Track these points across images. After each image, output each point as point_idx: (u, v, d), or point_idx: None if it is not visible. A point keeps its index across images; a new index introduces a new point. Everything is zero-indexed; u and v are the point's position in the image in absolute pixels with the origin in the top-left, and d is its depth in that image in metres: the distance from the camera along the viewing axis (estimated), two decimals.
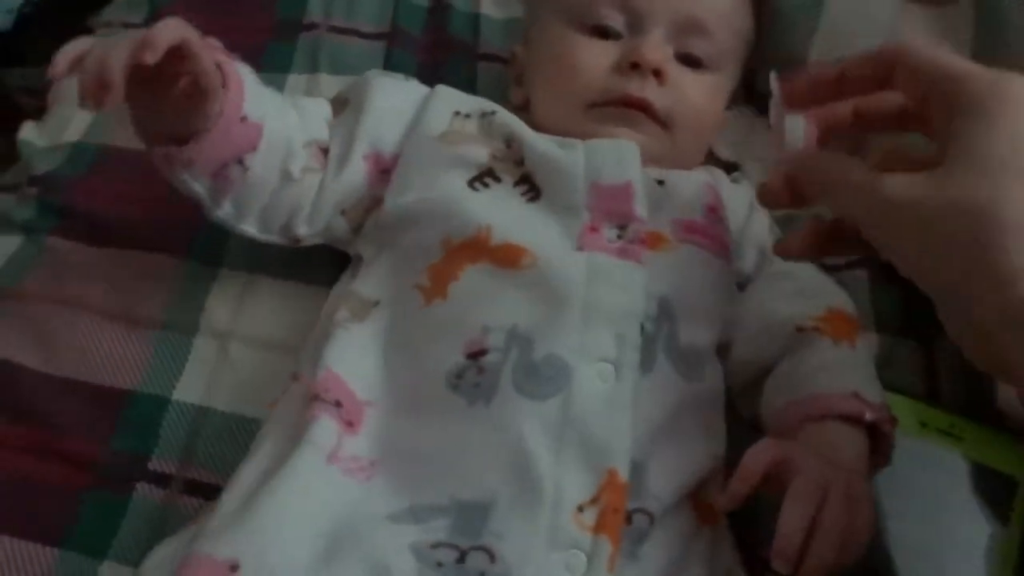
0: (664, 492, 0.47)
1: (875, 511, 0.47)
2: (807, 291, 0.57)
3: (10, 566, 0.52)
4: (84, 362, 0.61)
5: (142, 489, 0.55)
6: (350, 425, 0.47)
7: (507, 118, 0.58)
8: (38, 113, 0.84)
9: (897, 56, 0.44)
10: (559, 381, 0.46)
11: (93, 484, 0.56)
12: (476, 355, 0.47)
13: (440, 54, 0.80)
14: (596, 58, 0.58)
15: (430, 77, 0.78)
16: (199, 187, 0.54)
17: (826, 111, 0.48)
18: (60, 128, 0.76)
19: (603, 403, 0.46)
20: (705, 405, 0.51)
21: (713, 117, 0.63)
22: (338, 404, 0.47)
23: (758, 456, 0.44)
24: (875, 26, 0.68)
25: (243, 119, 0.52)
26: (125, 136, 0.73)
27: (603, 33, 0.60)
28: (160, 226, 0.68)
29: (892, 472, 0.52)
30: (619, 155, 0.55)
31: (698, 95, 0.60)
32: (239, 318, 0.63)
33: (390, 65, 0.79)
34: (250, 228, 0.58)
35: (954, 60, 0.43)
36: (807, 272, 0.59)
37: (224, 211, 0.56)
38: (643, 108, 0.58)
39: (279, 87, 0.77)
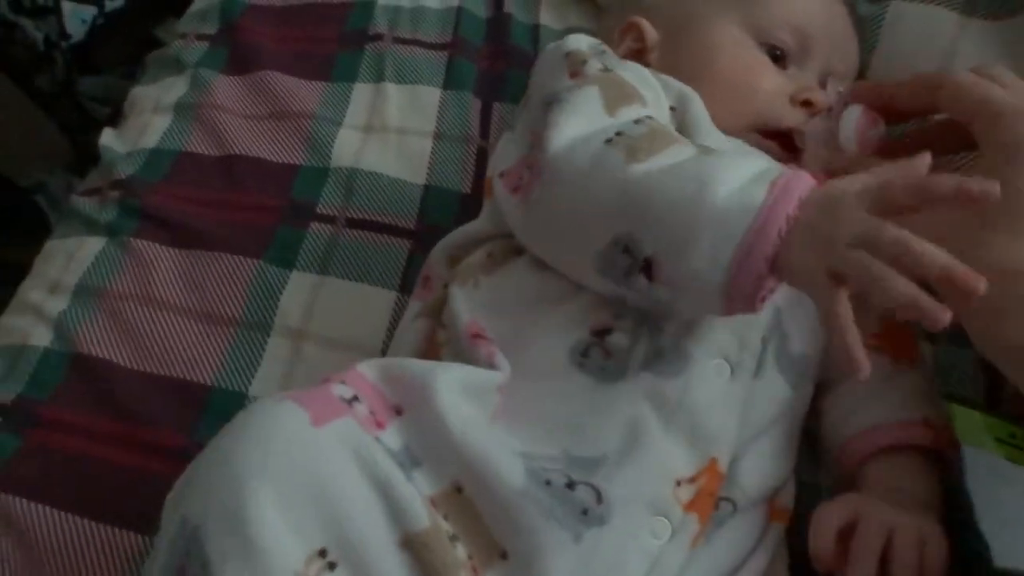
0: (751, 488, 0.49)
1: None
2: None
3: (106, 553, 0.55)
4: (167, 358, 0.64)
5: None
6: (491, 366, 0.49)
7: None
8: (109, 120, 0.89)
9: (941, 83, 0.47)
10: (679, 364, 0.47)
11: (178, 474, 0.58)
12: (601, 333, 0.48)
13: (500, 63, 0.83)
14: (776, 86, 0.58)
15: (491, 85, 0.81)
16: None
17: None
18: (138, 134, 0.80)
19: (717, 397, 0.47)
20: (798, 414, 0.53)
21: None
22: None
23: (830, 521, 0.46)
24: (936, 42, 0.69)
25: None
26: (200, 142, 0.77)
27: (776, 56, 0.60)
28: (235, 229, 0.71)
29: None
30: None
31: None
32: (311, 318, 0.66)
33: (452, 74, 0.81)
34: None
35: (989, 96, 0.45)
36: None
37: None
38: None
39: (346, 96, 0.81)
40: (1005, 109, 0.45)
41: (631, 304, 0.48)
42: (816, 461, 0.58)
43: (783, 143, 0.58)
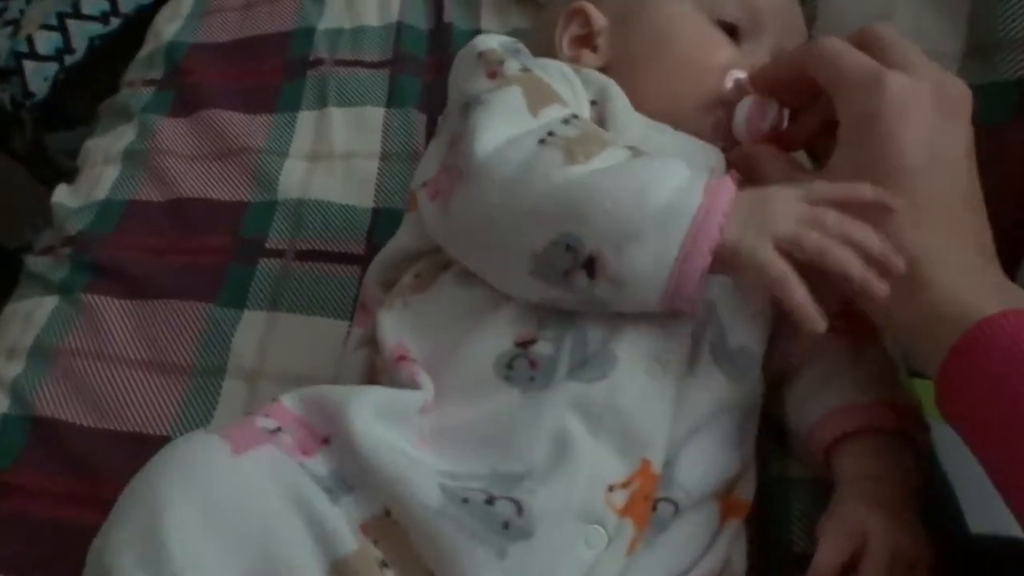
0: (693, 487, 0.47)
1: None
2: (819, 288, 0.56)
3: None
4: (124, 413, 0.63)
5: None
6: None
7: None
8: (78, 173, 0.88)
9: (807, 53, 0.48)
10: (605, 368, 0.46)
11: None
12: (525, 344, 0.47)
13: (445, 74, 0.80)
14: (732, 59, 0.57)
15: (436, 98, 0.79)
16: None
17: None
18: (91, 187, 0.80)
19: (645, 397, 0.46)
20: (744, 407, 0.51)
21: None
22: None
23: (830, 558, 0.45)
24: (871, 4, 0.66)
25: None
26: (148, 189, 0.77)
27: (730, 31, 0.58)
28: (185, 274, 0.70)
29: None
30: (707, 158, 0.53)
31: None
32: (265, 356, 0.65)
33: (396, 91, 0.80)
34: None
35: (845, 64, 0.46)
36: None
37: None
38: None
39: (291, 125, 0.80)
40: (849, 78, 0.45)
41: (565, 305, 0.47)
42: (785, 454, 0.55)
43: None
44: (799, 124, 0.54)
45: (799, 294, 0.41)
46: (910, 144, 0.44)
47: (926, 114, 0.44)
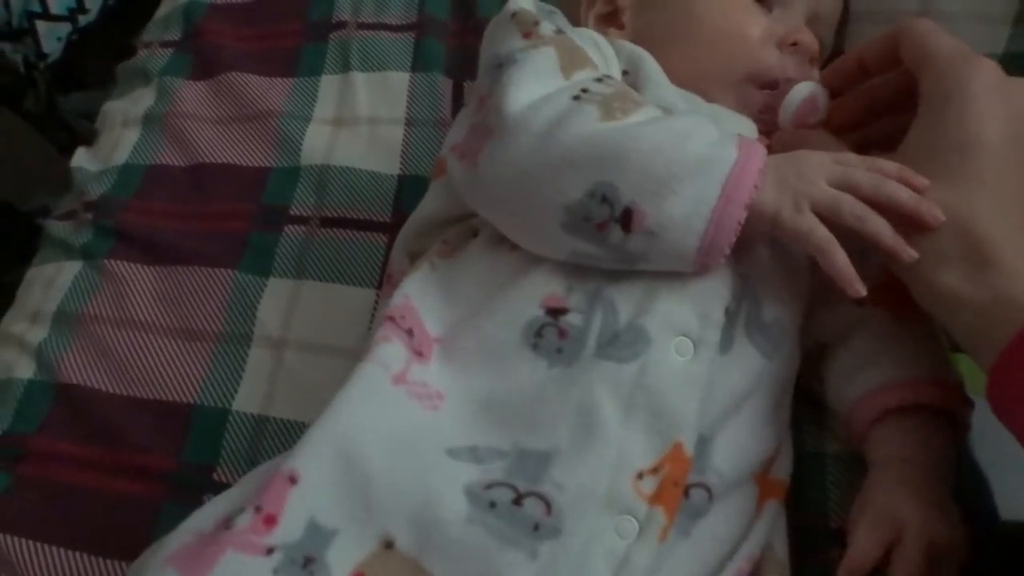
0: (728, 469, 0.46)
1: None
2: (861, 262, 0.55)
3: None
4: (149, 380, 0.63)
5: (208, 501, 0.56)
6: (419, 354, 0.47)
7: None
8: (94, 137, 0.87)
9: (900, 33, 0.47)
10: (638, 347, 0.45)
11: (168, 497, 0.58)
12: (555, 312, 0.46)
13: (470, 39, 0.79)
14: (764, 29, 0.55)
15: (461, 63, 0.78)
16: None
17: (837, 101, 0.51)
18: (110, 150, 0.79)
19: (677, 376, 0.45)
20: (780, 382, 0.50)
21: None
22: (410, 333, 0.47)
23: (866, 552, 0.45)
24: None
25: None
26: (169, 153, 0.76)
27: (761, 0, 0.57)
28: (208, 240, 0.69)
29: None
30: (739, 127, 0.52)
31: None
32: (291, 325, 0.64)
33: (420, 55, 0.78)
34: None
35: (932, 44, 0.45)
36: None
37: None
38: None
39: (314, 90, 0.78)
40: (941, 55, 0.45)
41: (595, 263, 0.46)
42: (820, 428, 0.55)
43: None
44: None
45: (841, 259, 0.42)
46: (996, 122, 0.43)
47: (1013, 101, 0.43)
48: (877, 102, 0.51)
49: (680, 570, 0.45)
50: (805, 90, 0.52)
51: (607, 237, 0.44)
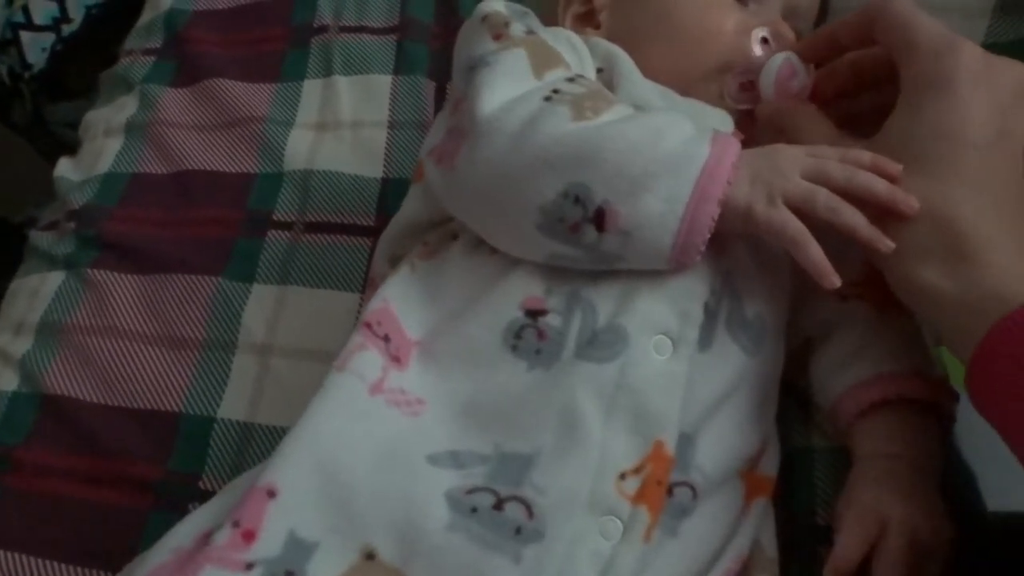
0: (712, 467, 0.46)
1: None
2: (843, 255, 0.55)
3: None
4: (134, 389, 0.63)
5: (193, 509, 0.56)
6: (397, 360, 0.47)
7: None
8: (79, 146, 0.87)
9: (876, 13, 0.46)
10: (617, 347, 0.45)
11: (154, 506, 0.58)
12: (535, 314, 0.46)
13: (453, 40, 0.79)
14: (739, 23, 0.55)
15: (444, 65, 0.77)
16: None
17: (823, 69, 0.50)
18: (93, 159, 0.79)
19: (658, 375, 0.45)
20: (764, 379, 0.50)
21: None
22: (387, 339, 0.47)
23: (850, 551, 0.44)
24: None
25: None
26: (152, 161, 0.76)
27: None
28: (192, 247, 0.69)
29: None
30: (715, 122, 0.52)
31: None
32: (276, 331, 0.64)
33: (403, 58, 0.78)
34: None
35: (915, 27, 0.44)
36: None
37: None
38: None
39: (296, 94, 0.78)
40: (922, 43, 0.43)
41: (572, 264, 0.46)
42: (807, 424, 0.55)
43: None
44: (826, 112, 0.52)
45: (814, 251, 0.42)
46: (979, 115, 0.42)
47: (999, 88, 0.42)
48: (861, 73, 0.50)
49: (668, 570, 0.45)
50: (780, 57, 0.51)
51: (581, 238, 0.44)
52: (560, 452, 0.43)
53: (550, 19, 0.59)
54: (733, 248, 0.48)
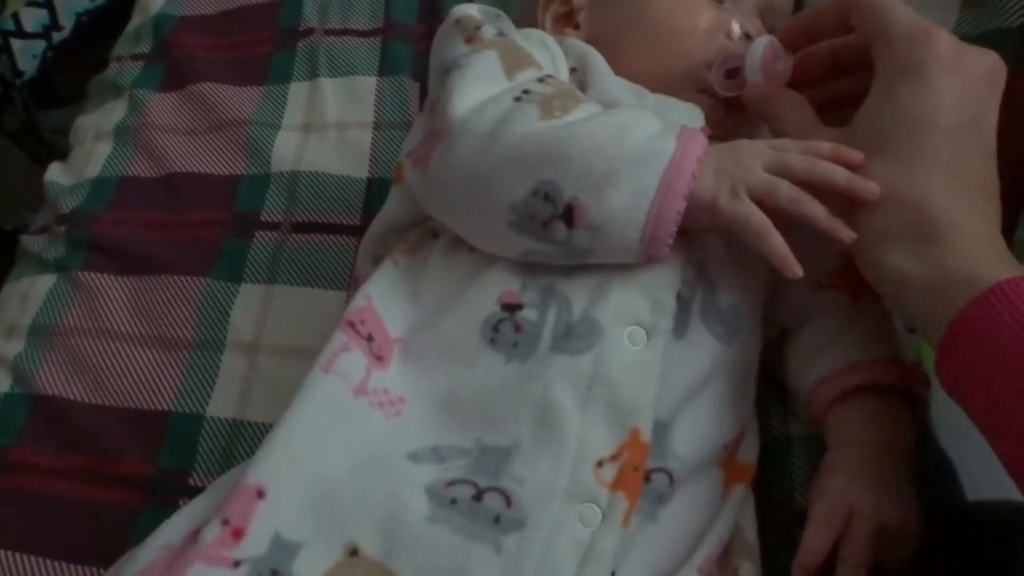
0: (688, 454, 0.47)
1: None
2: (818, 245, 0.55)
3: None
4: (125, 389, 0.64)
5: (184, 505, 0.57)
6: (379, 359, 0.48)
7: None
8: (70, 151, 0.88)
9: (851, 4, 0.46)
10: (591, 339, 0.45)
11: (145, 503, 0.59)
12: (511, 308, 0.47)
13: None
14: (714, 20, 0.56)
15: (427, 65, 0.78)
16: None
17: (803, 52, 0.50)
18: (83, 164, 0.79)
19: (632, 365, 0.46)
20: (740, 368, 0.51)
21: None
22: (370, 338, 0.48)
23: (817, 544, 0.45)
24: None
25: None
26: (140, 165, 0.76)
27: None
28: (181, 249, 0.70)
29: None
30: (686, 118, 0.52)
31: None
32: (263, 330, 0.65)
33: (387, 59, 0.79)
34: None
35: (889, 16, 0.44)
36: None
37: None
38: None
39: (282, 97, 0.79)
40: (896, 32, 0.44)
41: (545, 260, 0.47)
42: (786, 412, 0.55)
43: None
44: (807, 96, 0.53)
45: (776, 241, 0.43)
46: (950, 102, 0.43)
47: (970, 77, 0.43)
48: (839, 59, 0.51)
49: (649, 555, 0.45)
50: (764, 39, 0.52)
51: (552, 234, 0.45)
52: (538, 443, 0.44)
53: (530, 21, 0.60)
54: (706, 239, 0.49)
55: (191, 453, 0.60)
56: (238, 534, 0.41)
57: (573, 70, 0.54)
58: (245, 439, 0.60)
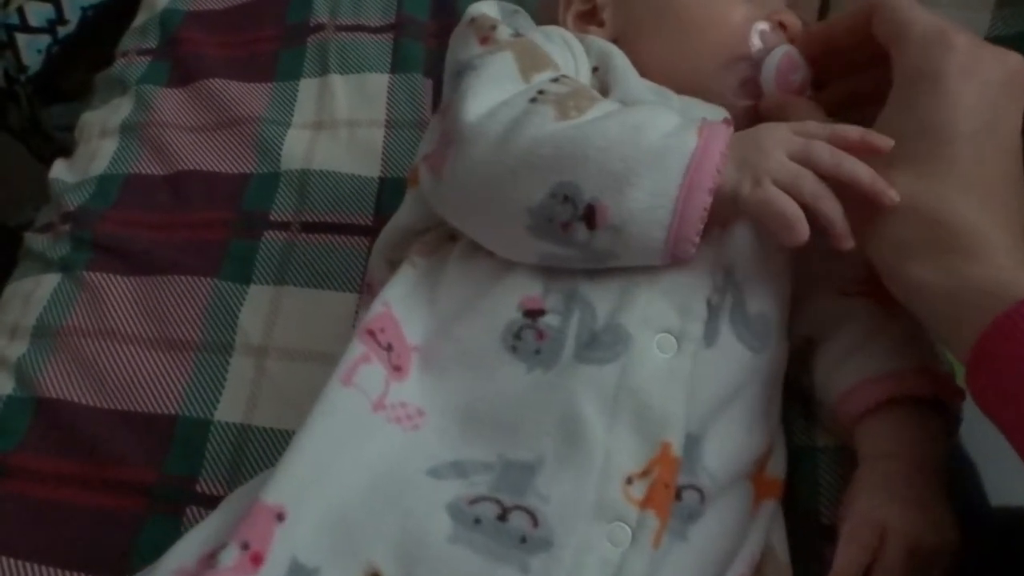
0: (719, 469, 0.45)
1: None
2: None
3: None
4: (130, 392, 0.62)
5: (191, 513, 0.56)
6: (398, 370, 0.46)
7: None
8: (75, 148, 0.86)
9: (873, 8, 0.46)
10: (618, 348, 0.44)
11: (150, 510, 0.57)
12: (533, 314, 0.46)
13: (449, 37, 0.78)
14: (746, 14, 0.54)
15: (440, 62, 0.77)
16: None
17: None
18: (88, 161, 0.78)
19: (661, 374, 0.44)
20: (770, 378, 0.49)
21: None
22: (389, 348, 0.46)
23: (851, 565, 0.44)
24: None
25: None
26: (147, 162, 0.75)
27: None
28: (189, 248, 0.68)
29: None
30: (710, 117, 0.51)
31: None
32: (272, 332, 0.63)
33: (399, 57, 0.77)
34: None
35: (907, 19, 0.44)
36: None
37: None
38: None
39: (292, 94, 0.77)
40: (913, 33, 0.43)
41: (566, 264, 0.46)
42: (809, 422, 0.54)
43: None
44: (827, 93, 0.53)
45: (798, 224, 0.41)
46: (968, 108, 0.42)
47: (989, 81, 0.42)
48: (859, 60, 0.50)
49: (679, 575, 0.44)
50: (780, 51, 0.51)
51: (573, 236, 0.43)
52: (562, 459, 0.42)
53: (551, 20, 0.58)
54: (734, 244, 0.48)
55: (198, 459, 0.58)
56: (257, 559, 0.40)
57: (595, 69, 0.53)
58: (253, 445, 0.59)
